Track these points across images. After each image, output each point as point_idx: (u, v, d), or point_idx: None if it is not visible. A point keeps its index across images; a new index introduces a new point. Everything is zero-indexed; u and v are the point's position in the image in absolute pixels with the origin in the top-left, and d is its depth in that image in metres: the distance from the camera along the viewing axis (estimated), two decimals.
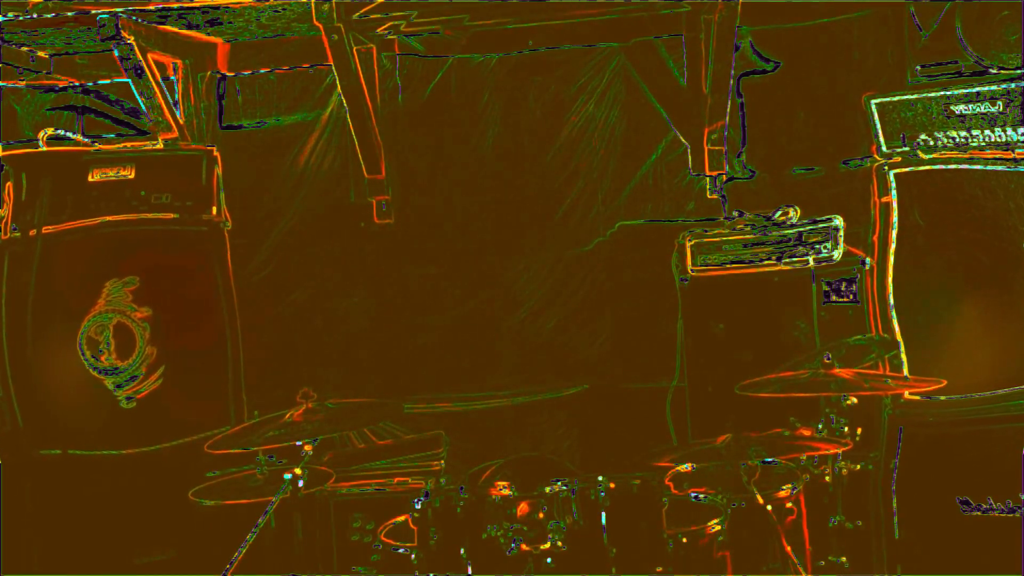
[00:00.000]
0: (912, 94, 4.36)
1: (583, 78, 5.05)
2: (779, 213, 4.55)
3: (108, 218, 4.46)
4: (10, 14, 4.47)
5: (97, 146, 4.68)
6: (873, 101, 4.39)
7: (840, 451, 3.77)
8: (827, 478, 3.84)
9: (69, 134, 4.71)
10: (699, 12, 4.71)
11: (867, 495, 4.32)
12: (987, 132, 4.25)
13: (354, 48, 4.67)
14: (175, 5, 4.50)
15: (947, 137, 4.28)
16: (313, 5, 4.49)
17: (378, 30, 4.83)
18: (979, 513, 4.21)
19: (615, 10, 4.84)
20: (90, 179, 4.48)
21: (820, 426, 3.89)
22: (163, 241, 4.56)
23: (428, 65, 5.09)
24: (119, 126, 5.11)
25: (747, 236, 4.55)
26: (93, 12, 4.43)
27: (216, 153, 4.66)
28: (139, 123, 5.00)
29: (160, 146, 4.74)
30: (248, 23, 4.74)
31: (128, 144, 4.83)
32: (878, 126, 4.37)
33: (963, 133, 4.27)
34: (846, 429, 3.84)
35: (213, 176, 4.63)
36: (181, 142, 4.77)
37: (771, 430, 3.87)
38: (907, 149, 4.32)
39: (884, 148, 4.38)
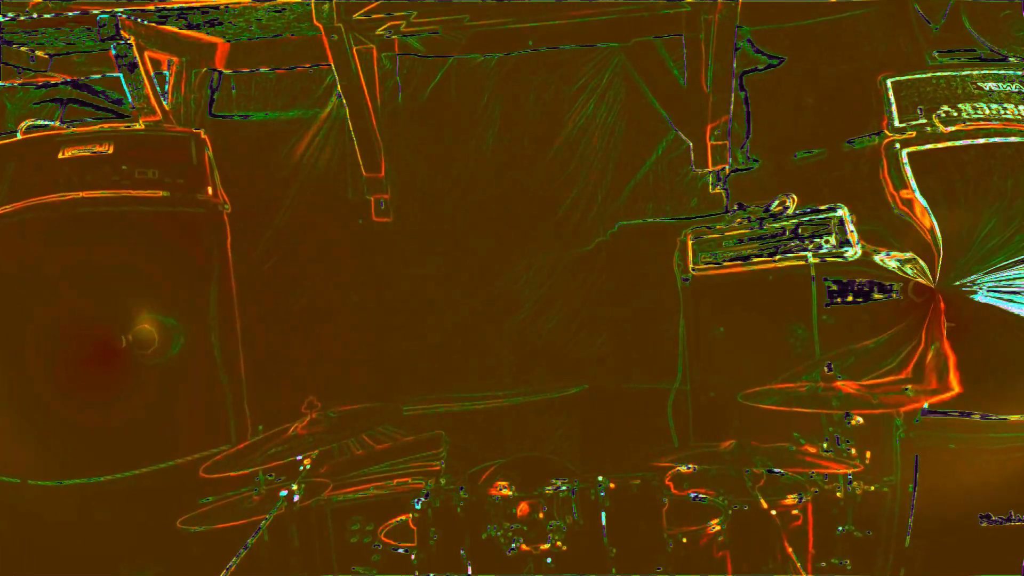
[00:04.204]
0: (935, 72, 4.05)
1: (583, 78, 5.04)
2: (776, 203, 4.38)
3: (83, 194, 4.01)
4: (10, 14, 4.47)
5: (73, 129, 4.36)
6: (889, 80, 4.08)
7: (850, 472, 3.68)
8: (838, 494, 3.76)
9: (48, 123, 4.47)
10: (699, 12, 4.70)
11: (880, 511, 4.10)
12: (1019, 108, 3.93)
13: (354, 48, 4.67)
14: (175, 5, 4.49)
15: (973, 108, 3.91)
16: (313, 5, 4.49)
17: (378, 30, 4.82)
18: (999, 524, 3.92)
19: (615, 10, 4.83)
20: (60, 156, 4.09)
21: (825, 445, 3.83)
22: (152, 226, 4.11)
23: (428, 65, 5.08)
24: (101, 112, 4.94)
25: (745, 231, 4.48)
26: (93, 12, 4.42)
27: (204, 136, 4.42)
28: (122, 110, 4.82)
29: (141, 127, 4.41)
30: (248, 23, 4.74)
31: (106, 126, 4.47)
32: (892, 102, 4.04)
33: (994, 106, 3.91)
34: (853, 451, 3.73)
35: (204, 156, 4.32)
36: (166, 124, 4.50)
37: (774, 438, 3.82)
38: (923, 121, 3.92)
39: (896, 122, 4.02)
